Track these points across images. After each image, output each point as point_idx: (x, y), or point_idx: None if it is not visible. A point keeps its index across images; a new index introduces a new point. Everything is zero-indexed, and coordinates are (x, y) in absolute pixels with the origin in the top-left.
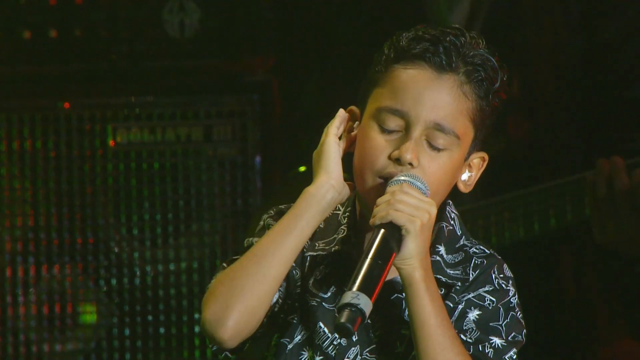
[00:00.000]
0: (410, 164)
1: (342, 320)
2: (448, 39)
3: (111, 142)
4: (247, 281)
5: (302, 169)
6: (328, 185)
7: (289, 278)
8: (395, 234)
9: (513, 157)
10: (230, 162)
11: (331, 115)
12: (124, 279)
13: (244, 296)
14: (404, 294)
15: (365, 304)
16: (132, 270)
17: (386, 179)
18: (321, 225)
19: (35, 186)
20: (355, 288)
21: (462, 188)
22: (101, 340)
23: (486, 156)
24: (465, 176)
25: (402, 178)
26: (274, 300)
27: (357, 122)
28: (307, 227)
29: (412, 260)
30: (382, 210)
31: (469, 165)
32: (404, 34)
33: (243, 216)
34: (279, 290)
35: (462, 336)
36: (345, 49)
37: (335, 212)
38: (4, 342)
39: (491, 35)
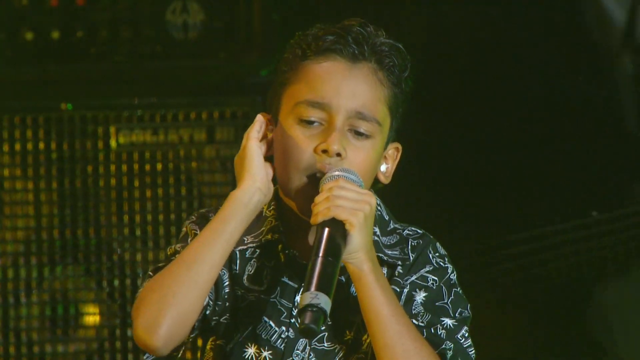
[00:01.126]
0: (339, 154)
1: (307, 321)
2: (355, 29)
3: (114, 144)
4: (178, 288)
5: None
6: (254, 189)
7: (216, 281)
8: (339, 230)
9: None
10: (233, 163)
11: None
12: (126, 280)
13: (175, 303)
14: (342, 278)
15: (326, 302)
16: (134, 271)
17: (314, 176)
18: None
19: (37, 187)
20: (312, 288)
21: (383, 179)
22: (104, 342)
23: (400, 146)
24: (383, 167)
25: (337, 173)
26: (206, 302)
27: (271, 127)
28: (236, 231)
29: (359, 254)
30: (323, 208)
31: (385, 157)
32: (305, 33)
33: None
34: (212, 292)
35: (413, 321)
36: None
37: None
38: (7, 343)
39: None
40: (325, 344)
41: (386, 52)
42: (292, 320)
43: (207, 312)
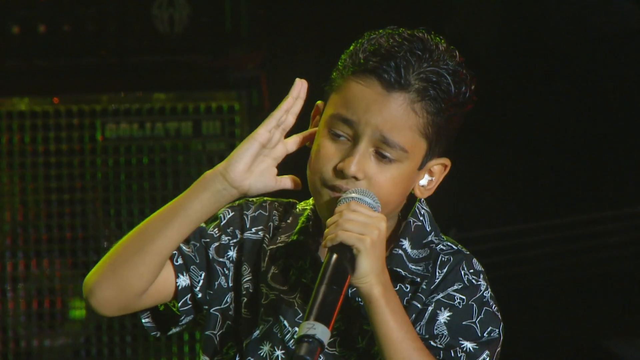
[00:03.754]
0: (355, 177)
1: (302, 353)
2: (401, 54)
3: (100, 137)
4: (124, 254)
5: None
6: (218, 174)
7: (210, 270)
8: (347, 255)
9: None
10: (219, 157)
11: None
12: None
13: (118, 268)
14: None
15: (323, 332)
16: None
17: (333, 188)
18: (288, 221)
19: (24, 181)
20: (311, 318)
21: (419, 194)
22: (90, 336)
23: (448, 162)
24: (424, 181)
25: (352, 195)
26: (186, 284)
27: (317, 117)
28: (195, 210)
29: (368, 278)
30: (331, 232)
31: (430, 171)
32: (366, 40)
33: None
34: (200, 279)
35: (431, 342)
36: (334, 44)
37: (304, 207)
38: None
39: None
40: (337, 349)
41: (432, 81)
42: None
43: (199, 296)
